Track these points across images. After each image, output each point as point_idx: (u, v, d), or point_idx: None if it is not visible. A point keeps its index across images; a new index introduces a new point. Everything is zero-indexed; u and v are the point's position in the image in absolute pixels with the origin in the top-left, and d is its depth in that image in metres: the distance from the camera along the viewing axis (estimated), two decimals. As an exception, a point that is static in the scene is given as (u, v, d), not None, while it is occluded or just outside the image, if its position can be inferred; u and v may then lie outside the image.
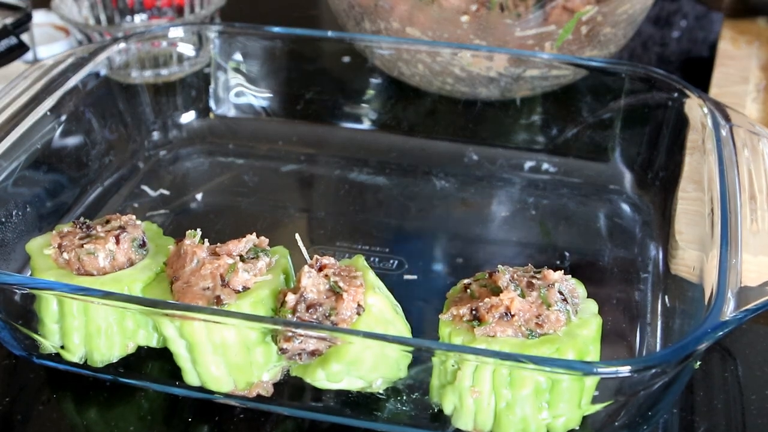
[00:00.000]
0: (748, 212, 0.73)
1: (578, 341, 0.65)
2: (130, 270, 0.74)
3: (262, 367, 0.69)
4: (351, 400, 0.70)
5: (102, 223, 0.77)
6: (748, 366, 0.78)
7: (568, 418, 0.66)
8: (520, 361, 0.61)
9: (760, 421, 0.73)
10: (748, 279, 0.67)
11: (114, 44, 1.02)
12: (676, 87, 0.92)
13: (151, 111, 1.08)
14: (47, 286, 0.70)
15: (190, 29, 1.09)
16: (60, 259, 0.74)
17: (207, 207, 1.00)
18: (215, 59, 1.09)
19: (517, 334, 0.65)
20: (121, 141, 1.05)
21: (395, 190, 1.00)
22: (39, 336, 0.73)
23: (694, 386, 0.75)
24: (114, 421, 0.73)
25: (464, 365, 0.64)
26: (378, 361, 0.66)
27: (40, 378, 0.77)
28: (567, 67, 1.01)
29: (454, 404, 0.67)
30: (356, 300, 0.66)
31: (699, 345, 0.61)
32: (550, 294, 0.67)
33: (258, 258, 0.71)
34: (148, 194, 1.00)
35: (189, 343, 0.68)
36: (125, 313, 0.72)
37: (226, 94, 1.10)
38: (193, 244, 0.71)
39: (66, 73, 0.94)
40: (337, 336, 0.64)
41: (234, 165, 1.06)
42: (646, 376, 0.63)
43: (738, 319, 0.63)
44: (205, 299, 0.68)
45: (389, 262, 0.89)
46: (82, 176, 0.98)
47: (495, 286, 0.68)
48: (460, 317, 0.67)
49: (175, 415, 0.73)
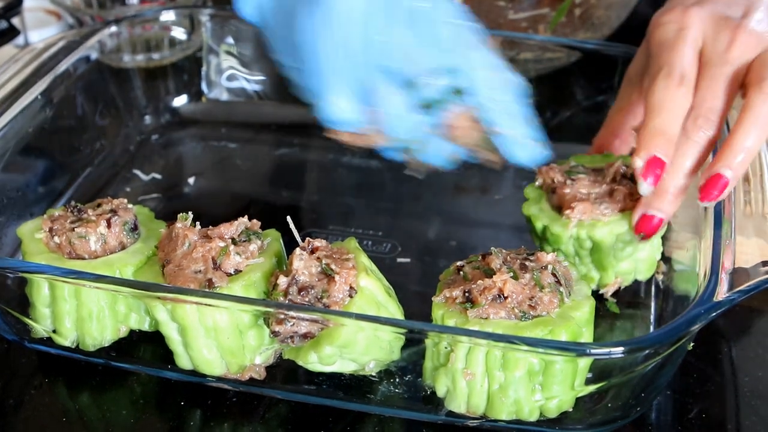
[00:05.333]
0: (741, 194, 0.73)
1: (571, 323, 0.65)
2: (122, 254, 0.74)
3: (254, 351, 0.69)
4: (344, 383, 0.70)
5: (93, 207, 0.77)
6: (741, 348, 0.78)
7: (562, 400, 0.66)
8: (513, 343, 0.61)
9: (753, 403, 0.73)
10: (741, 260, 0.67)
11: (105, 28, 1.01)
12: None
13: (143, 95, 1.08)
14: (38, 270, 0.70)
15: (181, 13, 1.09)
16: (51, 243, 0.73)
17: (199, 191, 1.00)
18: (207, 43, 1.09)
19: (510, 316, 0.65)
20: (112, 125, 1.05)
21: (388, 174, 1.00)
22: (30, 320, 0.73)
23: (687, 368, 0.75)
24: (106, 405, 0.72)
25: (457, 347, 0.64)
26: (371, 344, 0.66)
27: (32, 362, 0.76)
28: (561, 49, 1.01)
29: (447, 386, 0.66)
30: (348, 282, 0.66)
31: (692, 326, 0.61)
32: (544, 276, 0.67)
33: (250, 241, 0.71)
34: (140, 178, 1.00)
35: (181, 327, 0.68)
36: (117, 297, 0.72)
37: (218, 78, 1.10)
38: (185, 228, 0.70)
39: (57, 57, 0.93)
40: (330, 318, 0.64)
41: (226, 149, 1.06)
42: (640, 358, 0.63)
43: (731, 300, 0.63)
44: (197, 282, 0.67)
45: (382, 245, 0.89)
46: (73, 161, 0.98)
47: (488, 269, 0.68)
48: (453, 299, 0.67)
49: (167, 398, 0.73)
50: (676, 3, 0.74)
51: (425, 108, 0.72)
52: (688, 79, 0.69)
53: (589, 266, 0.77)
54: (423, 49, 0.71)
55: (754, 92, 0.67)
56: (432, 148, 0.74)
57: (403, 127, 0.72)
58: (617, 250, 0.75)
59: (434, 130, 0.73)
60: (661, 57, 0.71)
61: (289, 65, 0.74)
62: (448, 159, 0.75)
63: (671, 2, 0.75)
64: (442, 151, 0.74)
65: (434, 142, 0.73)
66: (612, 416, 0.68)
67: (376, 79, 0.71)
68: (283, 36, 0.73)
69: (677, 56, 0.70)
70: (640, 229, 0.72)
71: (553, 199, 0.77)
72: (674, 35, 0.72)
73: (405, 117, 0.72)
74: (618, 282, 0.77)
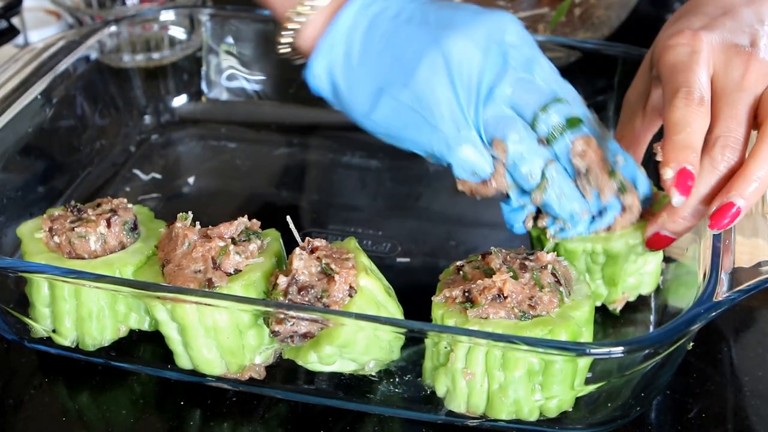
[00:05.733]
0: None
1: (571, 323, 0.65)
2: (122, 253, 0.74)
3: (254, 350, 0.69)
4: (344, 383, 0.70)
5: (93, 206, 0.77)
6: (741, 347, 0.78)
7: (561, 400, 0.66)
8: (513, 343, 0.61)
9: (753, 403, 0.73)
10: (741, 260, 0.67)
11: (105, 28, 1.01)
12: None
13: (143, 95, 1.08)
14: (38, 270, 0.70)
15: (181, 12, 1.09)
16: (51, 243, 0.73)
17: (199, 190, 1.00)
18: (207, 43, 1.09)
19: (509, 315, 0.65)
20: (112, 125, 1.04)
21: (388, 173, 1.00)
22: (30, 320, 0.73)
23: (687, 368, 0.75)
24: (106, 404, 0.72)
25: (457, 347, 0.64)
26: (370, 344, 0.66)
27: (32, 362, 0.76)
28: (560, 49, 1.01)
29: (447, 386, 0.66)
30: (348, 282, 0.66)
31: (692, 326, 0.61)
32: (543, 276, 0.67)
33: (250, 241, 0.71)
34: (139, 178, 1.00)
35: (181, 326, 0.68)
36: (117, 297, 0.72)
37: (218, 78, 1.10)
38: (185, 227, 0.70)
39: (57, 57, 0.93)
40: (329, 318, 0.64)
41: (226, 148, 1.06)
42: (639, 357, 0.63)
43: (731, 300, 0.63)
44: (197, 282, 0.67)
45: (382, 245, 0.89)
46: (73, 161, 0.97)
47: (488, 268, 0.68)
48: (453, 299, 0.67)
49: (167, 398, 0.73)
50: (684, 26, 0.74)
51: (548, 142, 0.73)
52: (707, 101, 0.69)
53: (598, 283, 0.77)
54: (531, 86, 0.73)
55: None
56: (560, 190, 0.73)
57: (533, 162, 0.72)
58: (629, 263, 0.75)
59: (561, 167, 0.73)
60: (677, 78, 0.70)
61: (391, 125, 0.74)
62: (577, 209, 0.73)
63: (677, 25, 0.75)
64: (571, 195, 0.73)
65: (562, 182, 0.73)
66: (612, 416, 0.68)
67: (500, 122, 0.72)
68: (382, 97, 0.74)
69: (694, 77, 0.70)
70: (651, 246, 0.73)
71: None
72: (687, 57, 0.71)
73: (535, 150, 0.72)
74: (626, 297, 0.77)
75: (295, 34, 0.75)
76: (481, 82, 0.72)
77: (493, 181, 0.73)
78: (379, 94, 0.73)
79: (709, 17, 0.74)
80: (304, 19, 0.75)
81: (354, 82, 0.74)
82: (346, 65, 0.74)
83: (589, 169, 0.72)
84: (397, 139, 0.75)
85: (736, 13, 0.74)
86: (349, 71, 0.74)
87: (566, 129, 0.72)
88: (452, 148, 0.72)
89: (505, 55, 0.73)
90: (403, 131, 0.74)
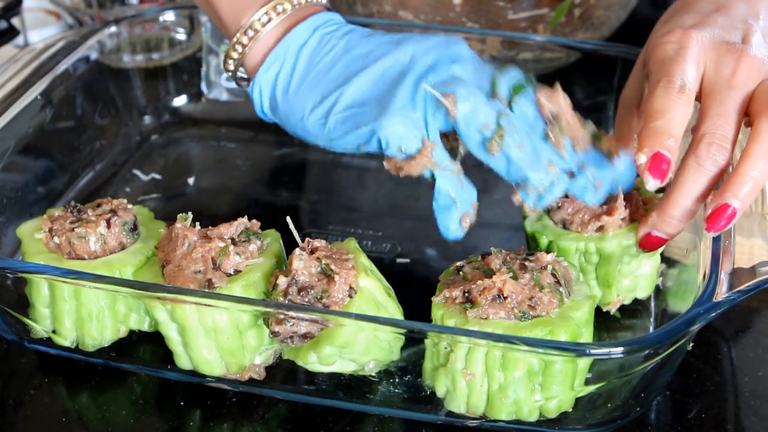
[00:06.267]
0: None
1: (571, 323, 0.65)
2: (122, 254, 0.74)
3: (254, 351, 0.69)
4: (343, 383, 0.70)
5: (93, 207, 0.77)
6: (741, 348, 0.78)
7: (561, 400, 0.66)
8: (513, 343, 0.61)
9: (753, 403, 0.73)
10: (740, 261, 0.67)
11: (105, 28, 1.01)
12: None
13: (143, 95, 1.08)
14: (38, 270, 0.70)
15: (181, 13, 1.09)
16: (51, 243, 0.73)
17: (199, 191, 1.00)
18: (207, 43, 1.09)
19: (509, 316, 0.65)
20: (112, 125, 1.04)
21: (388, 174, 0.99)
22: (30, 320, 0.73)
23: (687, 368, 0.75)
24: (106, 405, 0.72)
25: (457, 347, 0.64)
26: (370, 344, 0.66)
27: (31, 363, 0.76)
28: (560, 49, 1.01)
29: (447, 387, 0.66)
30: (348, 282, 0.66)
31: (692, 326, 0.61)
32: (543, 276, 0.67)
33: (249, 241, 0.71)
34: (139, 179, 1.00)
35: (181, 327, 0.68)
36: (117, 297, 0.72)
37: (218, 78, 1.10)
38: (185, 228, 0.70)
39: (57, 57, 0.93)
40: (329, 318, 0.64)
41: (226, 149, 1.06)
42: (639, 358, 0.63)
43: (730, 301, 0.63)
44: (197, 282, 0.67)
45: (382, 245, 0.89)
46: (73, 161, 0.97)
47: (487, 269, 0.68)
48: (453, 300, 0.67)
49: (167, 399, 0.73)
50: (675, 25, 0.73)
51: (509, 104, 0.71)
52: (690, 89, 0.68)
53: (592, 284, 0.76)
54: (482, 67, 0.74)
55: (762, 121, 0.66)
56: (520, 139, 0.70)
57: (486, 112, 0.70)
58: (623, 265, 0.75)
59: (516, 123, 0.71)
60: (661, 71, 0.70)
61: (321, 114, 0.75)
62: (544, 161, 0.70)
63: (669, 24, 0.74)
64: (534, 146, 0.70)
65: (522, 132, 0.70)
66: (612, 416, 0.68)
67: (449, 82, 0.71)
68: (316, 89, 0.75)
69: (677, 68, 0.69)
70: (644, 247, 0.72)
71: (556, 216, 0.76)
72: (674, 53, 0.71)
73: (487, 102, 0.70)
74: (620, 300, 0.77)
75: (244, 51, 0.77)
76: (426, 62, 0.72)
77: (419, 158, 0.71)
78: (323, 99, 0.74)
79: (701, 14, 0.74)
80: (253, 33, 0.76)
81: (297, 92, 0.75)
82: (292, 78, 0.76)
83: (559, 115, 0.70)
84: (331, 138, 0.75)
85: (729, 9, 0.74)
86: (294, 83, 0.76)
87: (527, 84, 0.71)
88: (380, 120, 0.71)
89: (456, 60, 0.73)
90: (338, 127, 0.74)
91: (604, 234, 0.73)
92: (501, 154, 0.70)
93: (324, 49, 0.76)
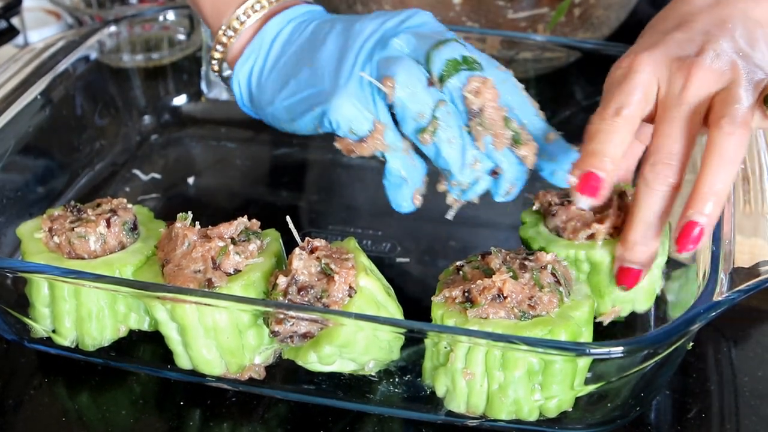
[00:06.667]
0: (741, 194, 0.73)
1: (571, 323, 0.65)
2: (121, 253, 0.74)
3: (253, 350, 0.69)
4: (343, 383, 0.70)
5: (93, 206, 0.77)
6: (741, 348, 0.78)
7: (561, 400, 0.66)
8: (513, 343, 0.61)
9: (753, 403, 0.73)
10: (740, 260, 0.67)
11: (105, 28, 1.01)
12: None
13: (143, 95, 1.08)
14: (38, 270, 0.70)
15: (181, 13, 1.09)
16: (51, 243, 0.73)
17: (199, 191, 1.00)
18: (207, 42, 1.08)
19: (509, 315, 0.65)
20: (112, 125, 1.04)
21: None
22: (30, 320, 0.73)
23: (687, 368, 0.75)
24: (106, 405, 0.72)
25: (457, 347, 0.64)
26: (370, 344, 0.66)
27: (31, 362, 0.76)
28: (560, 49, 1.01)
29: (447, 386, 0.66)
30: (348, 282, 0.66)
31: (692, 326, 0.61)
32: (543, 276, 0.67)
33: (249, 241, 0.71)
34: (139, 178, 1.00)
35: (180, 326, 0.68)
36: (116, 297, 0.72)
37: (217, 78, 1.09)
38: (185, 227, 0.70)
39: (56, 57, 0.93)
40: (329, 318, 0.64)
41: (226, 149, 1.06)
42: (639, 357, 0.63)
43: (730, 300, 0.63)
44: (197, 282, 0.67)
45: (382, 244, 0.89)
46: (73, 161, 0.97)
47: (487, 268, 0.68)
48: (453, 299, 0.67)
49: (167, 398, 0.73)
50: (631, 50, 0.72)
51: (441, 82, 0.70)
52: (627, 113, 0.67)
53: None
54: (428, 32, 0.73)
55: (715, 132, 0.64)
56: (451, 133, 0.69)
57: (423, 100, 0.69)
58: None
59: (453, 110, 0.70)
60: (604, 98, 0.69)
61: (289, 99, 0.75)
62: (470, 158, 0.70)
63: (631, 48, 0.73)
64: (463, 141, 0.70)
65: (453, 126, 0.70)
66: (611, 416, 0.68)
67: (390, 62, 0.71)
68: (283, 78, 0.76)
69: (618, 93, 0.68)
70: (621, 282, 0.71)
71: (551, 223, 0.76)
72: (621, 78, 0.70)
73: (425, 88, 0.70)
74: (615, 311, 0.75)
75: (226, 48, 0.79)
76: (372, 36, 0.73)
77: (370, 141, 0.71)
78: (287, 81, 0.75)
79: (661, 33, 0.72)
80: (232, 33, 0.78)
81: (267, 79, 0.77)
82: (264, 67, 0.77)
83: (483, 109, 0.69)
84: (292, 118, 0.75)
85: (690, 23, 0.72)
86: (266, 71, 0.77)
87: (461, 66, 0.70)
88: (330, 102, 0.71)
89: (408, 27, 0.73)
90: (297, 106, 0.74)
91: (593, 242, 0.73)
92: (432, 145, 0.70)
93: (294, 36, 0.77)
